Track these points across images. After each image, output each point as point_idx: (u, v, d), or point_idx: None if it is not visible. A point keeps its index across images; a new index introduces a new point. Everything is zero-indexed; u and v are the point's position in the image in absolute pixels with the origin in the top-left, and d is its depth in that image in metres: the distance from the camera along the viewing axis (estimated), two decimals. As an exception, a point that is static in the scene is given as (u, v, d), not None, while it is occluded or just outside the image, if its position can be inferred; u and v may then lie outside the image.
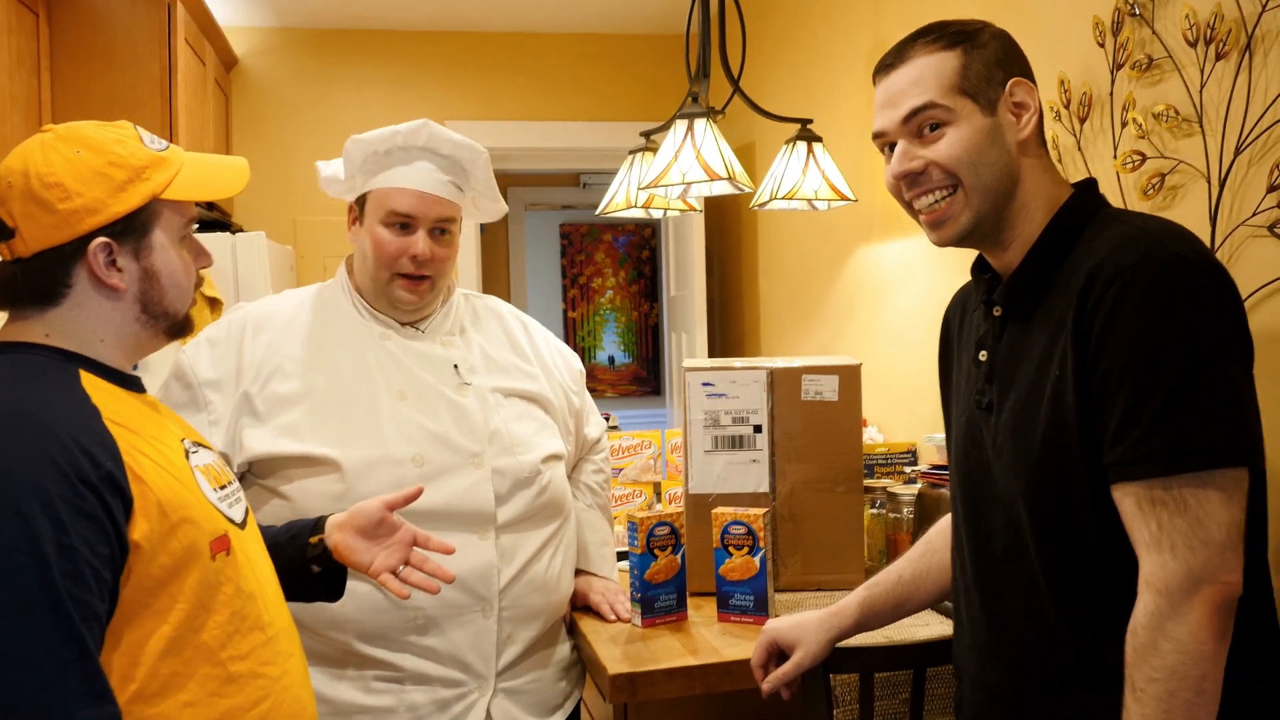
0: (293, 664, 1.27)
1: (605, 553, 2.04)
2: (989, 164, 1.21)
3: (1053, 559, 1.18)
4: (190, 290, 1.26)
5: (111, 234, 1.17)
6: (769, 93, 3.62)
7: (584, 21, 4.36)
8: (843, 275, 3.08)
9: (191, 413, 1.67)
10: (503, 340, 1.89)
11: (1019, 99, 1.22)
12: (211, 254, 1.31)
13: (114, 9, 3.05)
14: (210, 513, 1.18)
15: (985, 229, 1.25)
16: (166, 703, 1.10)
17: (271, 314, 1.77)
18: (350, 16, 4.18)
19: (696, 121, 2.20)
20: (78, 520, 1.03)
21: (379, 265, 1.74)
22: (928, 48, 1.23)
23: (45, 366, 1.15)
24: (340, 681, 1.67)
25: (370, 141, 1.75)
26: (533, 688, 1.78)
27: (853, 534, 2.09)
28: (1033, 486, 1.19)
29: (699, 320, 4.00)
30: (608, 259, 7.70)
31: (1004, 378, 1.24)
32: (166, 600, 1.11)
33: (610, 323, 7.73)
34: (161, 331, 1.25)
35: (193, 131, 3.34)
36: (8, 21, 2.63)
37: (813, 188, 2.48)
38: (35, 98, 2.85)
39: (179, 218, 1.22)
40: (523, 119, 4.47)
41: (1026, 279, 1.23)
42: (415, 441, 1.69)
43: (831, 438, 2.09)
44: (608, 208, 2.66)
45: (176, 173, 1.20)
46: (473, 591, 1.69)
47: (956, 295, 1.44)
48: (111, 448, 1.09)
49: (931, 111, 1.22)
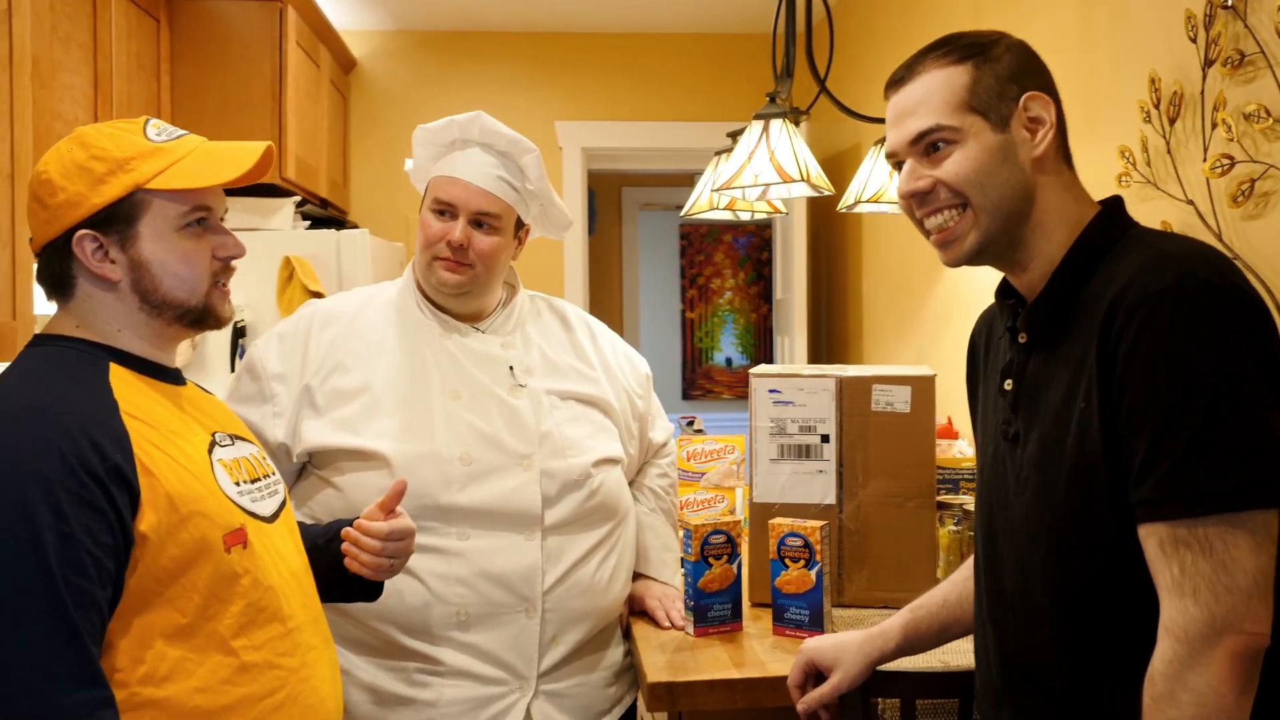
0: (314, 657, 1.29)
1: (667, 558, 2.02)
2: (998, 183, 1.16)
3: (1065, 600, 1.13)
4: (196, 279, 1.25)
5: (94, 225, 1.20)
6: (863, 93, 3.52)
7: (692, 21, 4.33)
8: (940, 281, 2.98)
9: (258, 405, 1.73)
10: (564, 343, 1.88)
11: (1034, 114, 1.16)
12: (238, 245, 1.30)
13: (230, 13, 3.19)
14: (225, 506, 1.20)
15: (997, 249, 1.19)
16: (176, 687, 1.13)
17: (338, 310, 1.81)
18: (464, 19, 4.26)
19: (772, 122, 2.15)
20: (80, 510, 1.07)
21: (422, 248, 1.78)
22: (938, 62, 1.19)
23: (74, 360, 1.20)
24: (384, 672, 1.69)
25: (433, 131, 1.80)
26: (576, 691, 1.77)
27: (923, 551, 2.01)
28: (1056, 523, 1.13)
29: (800, 324, 3.93)
30: (727, 260, 7.66)
31: (1029, 409, 1.18)
32: (179, 590, 1.14)
33: (728, 324, 7.68)
34: (172, 320, 1.25)
35: (303, 131, 3.46)
36: (127, 27, 2.77)
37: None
38: (155, 100, 3.00)
39: (177, 206, 1.22)
40: (631, 119, 4.48)
41: (1050, 304, 1.17)
42: (464, 440, 1.71)
43: (903, 450, 2.01)
44: (691, 209, 2.64)
45: (173, 163, 1.21)
46: (515, 591, 1.69)
47: (982, 316, 1.38)
48: (122, 441, 1.12)
49: (937, 134, 1.17)
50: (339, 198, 4.11)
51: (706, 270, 7.64)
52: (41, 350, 1.22)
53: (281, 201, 3.33)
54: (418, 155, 1.83)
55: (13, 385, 1.17)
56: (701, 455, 2.81)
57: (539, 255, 4.42)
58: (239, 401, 1.74)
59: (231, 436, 1.32)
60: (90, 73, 2.55)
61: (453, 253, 1.74)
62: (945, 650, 1.76)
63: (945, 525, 2.13)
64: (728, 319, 7.67)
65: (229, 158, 1.25)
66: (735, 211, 2.65)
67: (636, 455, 1.98)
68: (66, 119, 2.41)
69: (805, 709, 1.46)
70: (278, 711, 1.21)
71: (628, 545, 1.90)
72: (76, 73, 2.48)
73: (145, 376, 1.24)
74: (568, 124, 4.45)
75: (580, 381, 1.85)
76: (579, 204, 4.46)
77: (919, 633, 1.46)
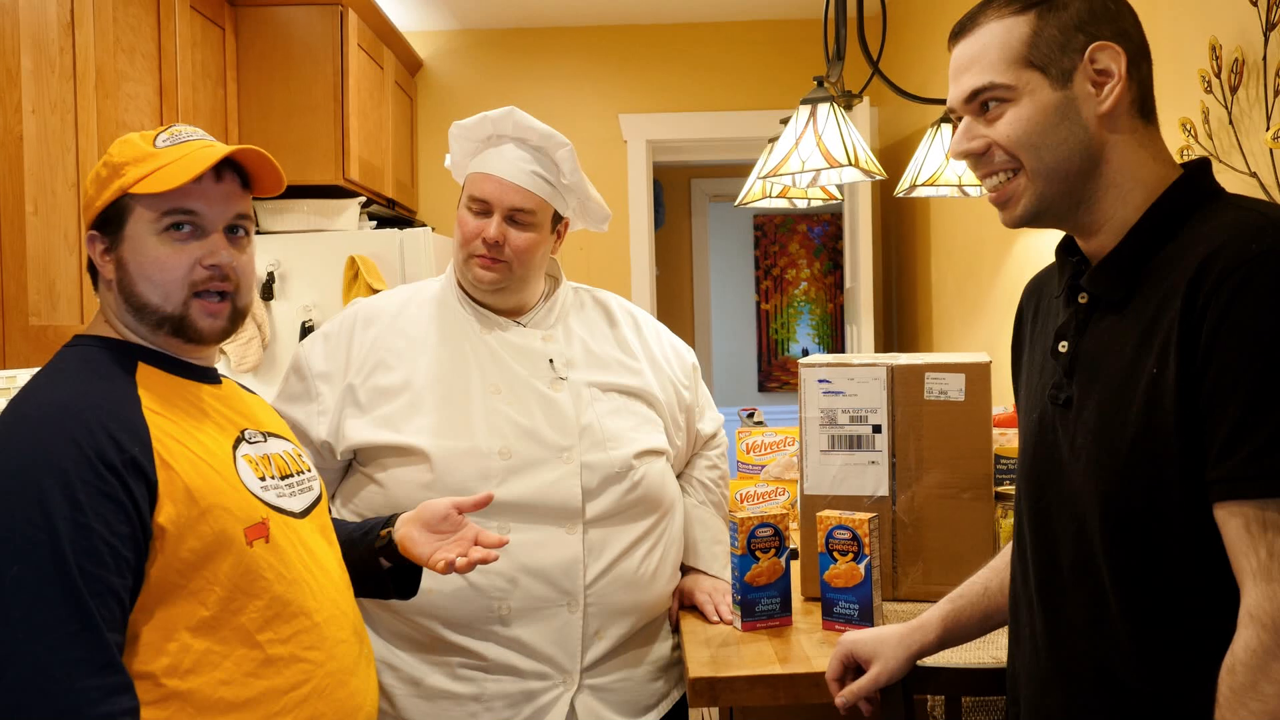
0: (344, 651, 1.30)
1: (717, 550, 2.00)
2: (1054, 144, 1.10)
3: (1129, 577, 1.06)
4: (171, 285, 1.24)
5: (97, 226, 1.26)
6: (927, 75, 3.44)
7: (752, 8, 4.29)
8: (1006, 267, 2.89)
9: (304, 403, 1.76)
10: (607, 334, 1.88)
11: (1101, 66, 1.09)
12: (231, 254, 1.25)
13: (293, 20, 3.25)
14: (246, 500, 1.22)
15: (1058, 211, 1.13)
16: (201, 679, 1.16)
17: (381, 309, 1.83)
18: (526, 16, 4.28)
19: (820, 107, 2.11)
20: (97, 500, 1.10)
21: (458, 246, 1.79)
22: (999, 12, 1.12)
23: (104, 358, 1.24)
24: (427, 666, 1.71)
25: (468, 128, 1.80)
26: (622, 686, 1.77)
27: (979, 544, 1.95)
28: (1115, 495, 1.06)
29: (867, 314, 3.86)
30: (802, 249, 7.57)
31: (1087, 372, 1.11)
32: (201, 583, 1.16)
33: (804, 314, 7.60)
34: (153, 326, 1.26)
35: (366, 132, 3.51)
36: (193, 36, 2.85)
37: (956, 173, 2.33)
38: (221, 107, 3.07)
39: (152, 211, 1.23)
40: (694, 110, 4.45)
41: (1121, 264, 1.10)
42: (503, 435, 1.71)
43: (958, 440, 1.95)
44: (745, 198, 2.61)
45: (157, 169, 1.22)
46: (556, 585, 1.69)
47: (1034, 280, 1.31)
48: (141, 434, 1.15)
49: (990, 92, 1.11)
50: (407, 198, 4.16)
51: (781, 260, 7.56)
52: (76, 350, 1.26)
53: (346, 202, 3.39)
54: (455, 152, 1.84)
55: (43, 383, 1.21)
56: (761, 448, 2.78)
57: (605, 250, 4.43)
58: (286, 400, 1.78)
59: (264, 434, 1.34)
60: (155, 82, 2.62)
61: (488, 249, 1.74)
62: (997, 647, 1.71)
63: (1008, 517, 2.07)
64: (803, 309, 7.59)
65: (200, 160, 1.24)
66: (790, 199, 2.61)
67: (684, 447, 1.96)
68: (132, 128, 2.48)
69: (844, 702, 1.43)
70: (304, 705, 1.22)
71: (673, 539, 1.88)
72: (141, 82, 2.55)
73: (173, 375, 1.27)
74: (631, 117, 4.44)
75: (623, 373, 1.84)
76: (644, 197, 4.45)
77: (960, 623, 1.41)
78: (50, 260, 2.11)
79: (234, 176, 1.29)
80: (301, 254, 3.24)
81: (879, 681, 1.41)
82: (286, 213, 3.32)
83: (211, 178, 1.26)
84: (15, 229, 1.98)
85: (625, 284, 4.44)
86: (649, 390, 1.85)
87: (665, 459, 1.86)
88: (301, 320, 3.25)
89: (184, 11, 2.77)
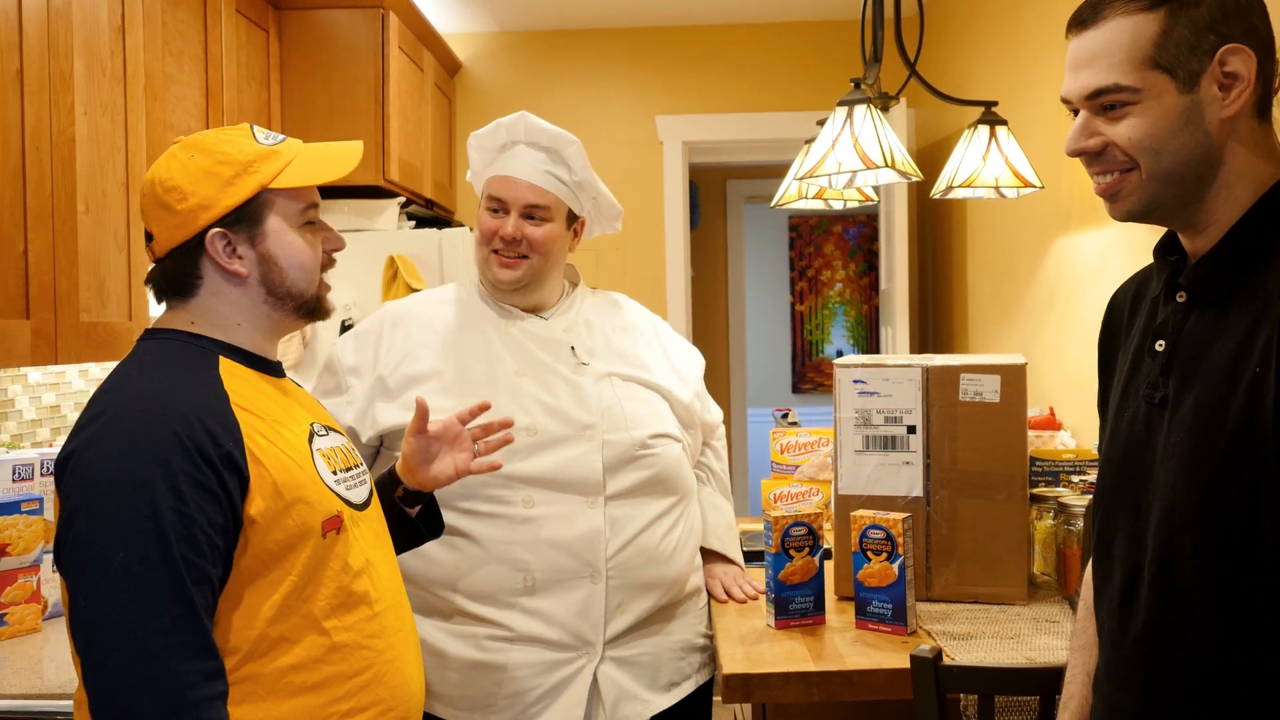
0: (399, 640, 1.35)
1: (730, 535, 2.07)
2: (1174, 150, 1.07)
3: (1216, 577, 1.04)
4: (313, 271, 1.35)
5: (225, 225, 1.28)
6: (965, 77, 3.43)
7: (787, 9, 4.29)
8: (1042, 268, 2.88)
9: (335, 396, 1.84)
10: (624, 332, 1.95)
11: (1231, 69, 1.05)
12: (339, 238, 1.40)
13: (335, 22, 3.30)
14: (324, 494, 1.27)
15: (1167, 210, 1.12)
16: (274, 664, 1.20)
17: (410, 308, 1.92)
18: (563, 18, 4.31)
19: (856, 108, 2.12)
20: (196, 492, 1.14)
21: (478, 245, 1.87)
22: (1126, 6, 1.08)
23: (185, 352, 1.28)
24: (452, 638, 1.76)
25: (482, 137, 1.89)
26: (645, 660, 1.82)
27: (1014, 545, 1.96)
28: (1209, 494, 1.04)
29: (902, 315, 3.86)
30: (837, 251, 7.55)
31: (1184, 371, 1.09)
32: (280, 572, 1.21)
33: (839, 316, 7.58)
34: (291, 311, 1.35)
35: (406, 133, 3.56)
36: (237, 40, 2.90)
37: (994, 174, 2.33)
38: (265, 109, 3.13)
39: (295, 203, 1.32)
40: (730, 111, 4.46)
41: (1221, 262, 1.08)
42: (530, 413, 1.78)
43: (992, 441, 1.96)
44: (781, 200, 2.62)
45: (287, 164, 1.30)
46: (579, 557, 1.75)
47: (1130, 281, 1.29)
48: (234, 430, 1.20)
49: (1114, 95, 1.08)
50: (445, 198, 4.20)
51: (816, 262, 7.55)
52: (155, 344, 1.30)
53: (386, 203, 3.43)
54: (474, 161, 1.92)
55: (132, 375, 1.25)
56: (795, 448, 2.79)
57: (640, 251, 4.45)
58: (320, 395, 1.86)
59: (326, 427, 1.38)
60: (201, 84, 2.68)
61: (506, 246, 1.83)
62: (1030, 647, 1.71)
63: (1043, 519, 2.07)
64: (838, 311, 7.57)
65: (335, 156, 1.35)
66: (826, 200, 2.62)
67: (696, 444, 2.03)
68: (179, 129, 2.53)
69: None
70: (365, 690, 1.26)
71: (693, 525, 1.94)
72: (188, 85, 2.60)
73: (252, 369, 1.32)
74: (668, 118, 4.46)
75: (641, 369, 1.91)
76: (680, 199, 4.46)
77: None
78: (100, 258, 2.16)
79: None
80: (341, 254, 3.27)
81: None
82: (327, 213, 3.33)
83: None
84: (67, 228, 2.04)
85: (660, 285, 4.46)
86: (663, 385, 1.92)
87: (681, 447, 1.92)
88: (341, 319, 3.29)
89: (229, 15, 2.83)
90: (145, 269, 2.27)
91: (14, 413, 2.40)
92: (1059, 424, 2.62)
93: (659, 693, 1.82)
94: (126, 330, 2.23)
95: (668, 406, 1.90)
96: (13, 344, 1.88)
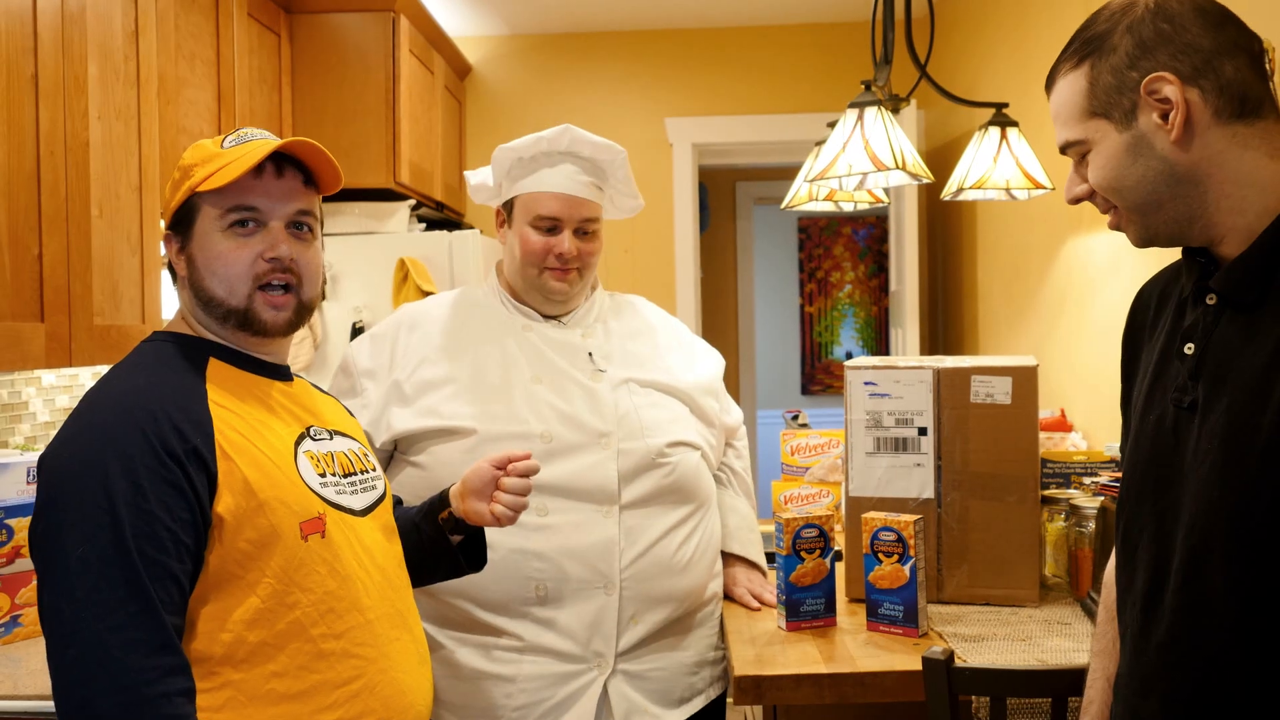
0: (395, 649, 1.32)
1: (752, 537, 2.04)
2: (1134, 183, 1.13)
3: (1246, 585, 1.04)
4: (236, 279, 1.28)
5: (172, 228, 1.32)
6: (975, 78, 3.43)
7: (797, 11, 4.29)
8: (1053, 270, 2.88)
9: (351, 398, 1.83)
10: (642, 335, 1.94)
11: (1162, 96, 1.09)
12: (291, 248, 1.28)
13: (346, 25, 3.31)
14: (304, 495, 1.25)
15: (1169, 233, 1.15)
16: (255, 670, 1.19)
17: (426, 311, 1.92)
18: (573, 21, 4.32)
19: (867, 110, 2.12)
20: (160, 487, 1.14)
21: (527, 263, 1.84)
22: (1063, 69, 1.17)
23: (176, 353, 1.29)
24: (464, 647, 1.76)
25: (516, 149, 1.85)
26: (657, 675, 1.80)
27: (1026, 547, 1.95)
28: (1241, 502, 1.03)
29: (912, 317, 3.86)
30: (847, 252, 7.54)
31: (1215, 376, 1.09)
32: (256, 574, 1.20)
33: (848, 317, 7.56)
34: (220, 319, 1.30)
35: (417, 136, 3.56)
36: (249, 43, 2.91)
37: (1004, 176, 2.33)
38: (276, 112, 3.14)
39: (217, 208, 1.28)
40: (739, 113, 4.46)
41: (1256, 264, 1.08)
42: (546, 419, 1.77)
43: (1003, 443, 1.96)
44: (791, 201, 2.62)
45: (219, 168, 1.27)
46: (593, 567, 1.74)
47: (1155, 278, 1.29)
48: (205, 426, 1.20)
49: (1074, 148, 1.18)
50: (455, 201, 4.21)
51: (825, 263, 7.54)
52: (150, 345, 1.32)
53: (396, 205, 3.44)
54: (497, 174, 1.89)
55: (119, 375, 1.27)
56: (805, 450, 2.79)
57: (649, 252, 4.46)
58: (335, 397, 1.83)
59: (330, 432, 1.37)
60: (214, 88, 2.69)
61: (562, 263, 1.83)
62: (1042, 649, 1.71)
63: (1055, 520, 2.07)
64: (847, 312, 7.56)
65: (255, 153, 1.27)
66: (837, 202, 2.62)
67: (718, 443, 2.01)
68: (191, 133, 2.54)
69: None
70: (354, 700, 1.25)
71: (711, 534, 1.92)
72: (201, 88, 2.61)
73: (244, 370, 1.31)
74: (677, 120, 4.46)
75: (657, 371, 1.90)
76: (689, 200, 4.46)
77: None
78: (114, 262, 2.17)
79: (296, 173, 1.33)
80: (352, 256, 3.30)
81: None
82: (338, 215, 3.38)
83: (272, 174, 1.30)
84: (81, 231, 2.05)
85: (670, 286, 4.46)
86: (685, 390, 1.90)
87: (700, 454, 1.90)
88: (352, 321, 3.31)
89: (241, 19, 2.84)
90: (157, 272, 2.29)
91: (28, 415, 2.41)
92: (1070, 426, 2.61)
93: (670, 708, 1.80)
94: (139, 333, 2.24)
95: (687, 410, 1.89)
96: (28, 347, 1.89)
